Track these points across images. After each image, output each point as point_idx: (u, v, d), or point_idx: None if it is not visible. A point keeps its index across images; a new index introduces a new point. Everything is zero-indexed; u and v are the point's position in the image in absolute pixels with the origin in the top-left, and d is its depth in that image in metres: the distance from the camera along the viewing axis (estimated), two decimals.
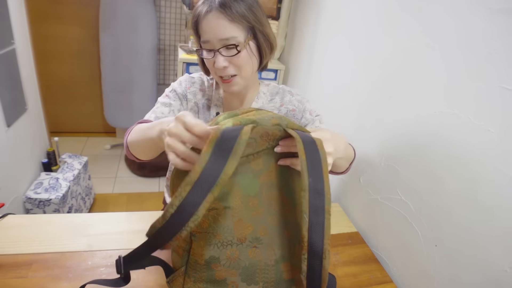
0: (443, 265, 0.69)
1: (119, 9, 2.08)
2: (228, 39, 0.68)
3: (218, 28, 0.68)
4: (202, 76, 0.86)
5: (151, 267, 0.70)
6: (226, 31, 0.68)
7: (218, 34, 0.68)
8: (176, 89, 0.83)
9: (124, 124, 2.48)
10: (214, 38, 0.68)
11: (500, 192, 0.57)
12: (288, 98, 0.85)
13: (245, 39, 0.70)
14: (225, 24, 0.67)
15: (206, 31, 0.69)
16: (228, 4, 0.67)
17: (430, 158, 0.73)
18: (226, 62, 0.70)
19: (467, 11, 0.65)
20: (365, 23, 1.03)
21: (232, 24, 0.68)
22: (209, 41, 0.69)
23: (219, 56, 0.69)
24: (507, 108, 0.57)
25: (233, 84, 0.74)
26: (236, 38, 0.68)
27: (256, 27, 0.71)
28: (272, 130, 0.47)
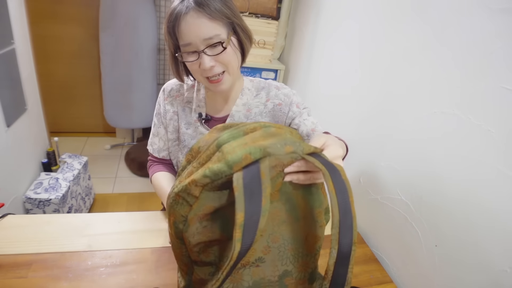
0: (443, 265, 0.69)
1: (119, 9, 2.08)
2: (212, 37, 0.66)
3: (199, 28, 0.65)
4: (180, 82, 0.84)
5: (152, 266, 0.70)
6: (209, 30, 0.66)
7: (200, 34, 0.66)
8: (156, 109, 0.85)
9: (124, 124, 2.48)
10: (197, 39, 0.66)
11: (500, 192, 0.57)
12: (274, 92, 0.84)
13: (227, 35, 0.69)
14: (206, 23, 0.66)
15: (186, 34, 0.66)
16: (204, 2, 0.65)
17: (430, 158, 0.73)
18: (212, 61, 0.68)
19: (467, 11, 0.65)
20: (365, 23, 1.03)
21: (213, 22, 0.66)
22: (190, 43, 0.67)
23: (204, 56, 0.68)
24: (507, 108, 0.57)
25: (223, 82, 0.72)
26: (219, 35, 0.67)
27: (234, 21, 0.70)
28: (288, 159, 0.43)
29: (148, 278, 0.67)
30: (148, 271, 0.69)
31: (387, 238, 0.86)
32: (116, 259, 0.71)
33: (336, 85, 1.21)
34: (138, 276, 0.67)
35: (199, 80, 0.75)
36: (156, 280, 0.67)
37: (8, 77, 1.40)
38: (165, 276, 0.68)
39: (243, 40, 0.74)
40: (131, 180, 2.35)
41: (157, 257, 0.73)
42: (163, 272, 0.69)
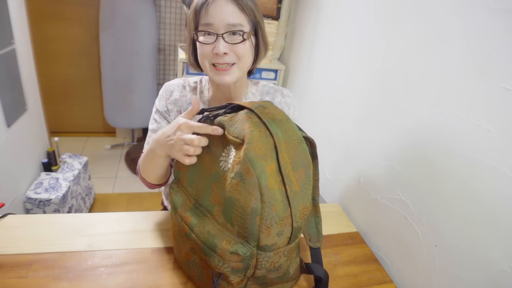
0: (443, 265, 0.69)
1: (119, 9, 2.08)
2: (235, 25, 0.68)
3: (226, 13, 0.67)
4: (183, 82, 0.85)
5: (152, 266, 0.70)
6: (235, 17, 0.67)
7: (226, 18, 0.67)
8: (158, 107, 0.84)
9: (124, 124, 2.48)
10: (220, 22, 0.67)
11: (500, 192, 0.57)
12: (279, 99, 0.84)
13: (249, 31, 0.70)
14: (234, 10, 0.67)
15: (212, 14, 0.67)
16: None
17: (430, 158, 0.73)
18: (227, 49, 0.68)
19: (467, 11, 0.65)
20: (365, 23, 1.03)
21: (242, 13, 0.68)
22: (212, 24, 0.67)
23: (221, 41, 0.68)
24: (507, 108, 0.57)
25: (229, 73, 0.71)
26: (243, 26, 0.69)
27: (258, 24, 0.72)
28: None
29: (148, 278, 0.67)
30: (148, 271, 0.69)
31: (387, 238, 0.86)
32: (116, 259, 0.71)
33: (336, 85, 1.21)
34: (138, 276, 0.67)
35: (204, 67, 0.73)
36: (156, 280, 0.67)
37: (8, 77, 1.40)
38: (165, 276, 0.68)
39: (260, 45, 0.75)
40: (131, 180, 2.35)
41: (157, 257, 0.73)
42: (163, 272, 0.69)
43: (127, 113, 2.41)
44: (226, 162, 0.55)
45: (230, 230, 0.54)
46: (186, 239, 0.60)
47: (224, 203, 0.54)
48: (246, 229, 0.52)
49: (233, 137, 0.54)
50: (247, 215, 0.51)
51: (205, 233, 0.56)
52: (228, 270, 0.54)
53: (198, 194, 0.61)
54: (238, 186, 0.51)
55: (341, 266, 0.79)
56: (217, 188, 0.57)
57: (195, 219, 0.59)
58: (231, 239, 0.53)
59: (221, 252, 0.53)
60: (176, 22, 2.51)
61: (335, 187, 1.15)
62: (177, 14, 2.48)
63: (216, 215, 0.57)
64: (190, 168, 0.63)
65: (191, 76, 0.91)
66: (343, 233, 0.91)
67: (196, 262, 0.62)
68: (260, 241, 0.52)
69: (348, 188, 1.07)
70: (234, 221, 0.53)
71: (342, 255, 0.83)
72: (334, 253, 0.83)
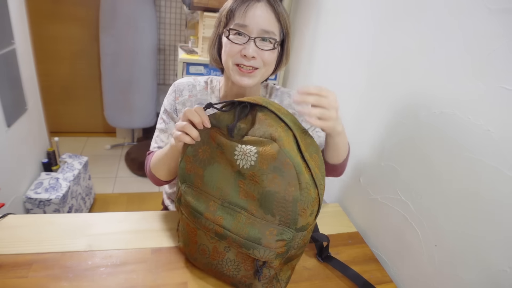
0: (443, 265, 0.69)
1: (119, 9, 2.08)
2: (269, 32, 0.69)
3: (264, 19, 0.68)
4: (194, 81, 0.85)
5: (152, 266, 0.70)
6: (270, 25, 0.69)
7: (262, 24, 0.68)
8: (166, 107, 0.84)
9: (124, 124, 2.48)
10: (255, 26, 0.68)
11: (500, 192, 0.57)
12: (287, 101, 0.85)
13: (279, 41, 0.72)
14: (272, 18, 0.69)
15: (249, 17, 0.68)
16: (276, 1, 0.71)
17: (430, 158, 0.73)
18: (256, 53, 0.69)
19: (467, 11, 0.65)
20: (365, 23, 1.03)
21: (277, 22, 0.70)
22: (247, 26, 0.68)
23: (252, 44, 0.69)
24: (507, 108, 0.57)
25: (252, 76, 0.72)
26: (275, 35, 0.70)
27: (287, 37, 0.74)
28: None
29: (148, 278, 0.67)
30: (148, 271, 0.69)
31: (387, 238, 0.86)
32: (116, 259, 0.71)
33: (336, 85, 1.21)
34: (138, 276, 0.68)
35: (227, 66, 0.74)
36: (156, 280, 0.67)
37: (9, 77, 1.40)
38: (165, 276, 0.68)
39: (283, 56, 0.77)
40: (131, 180, 2.36)
41: (157, 257, 0.73)
42: (163, 272, 0.69)
43: (127, 113, 2.41)
44: (245, 160, 0.58)
45: (271, 220, 0.58)
46: (219, 239, 0.61)
47: (261, 198, 0.58)
48: (288, 217, 0.57)
49: (258, 137, 0.58)
50: (289, 204, 0.56)
51: (245, 229, 0.58)
52: (273, 257, 0.58)
53: (224, 194, 0.61)
54: (276, 179, 0.56)
55: None
56: (245, 185, 0.59)
57: (229, 218, 0.59)
58: (274, 229, 0.57)
59: (267, 242, 0.57)
60: (176, 22, 2.51)
61: (335, 187, 1.15)
62: (177, 14, 2.48)
63: (252, 210, 0.59)
64: (207, 170, 0.62)
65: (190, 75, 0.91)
66: (343, 233, 0.92)
67: (231, 258, 0.62)
68: (298, 224, 0.57)
69: (348, 188, 1.07)
70: (276, 211, 0.57)
71: (342, 255, 0.83)
72: (334, 253, 0.83)
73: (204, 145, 0.62)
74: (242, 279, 0.64)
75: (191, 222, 0.64)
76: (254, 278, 0.62)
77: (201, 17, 1.67)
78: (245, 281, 0.63)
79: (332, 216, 0.99)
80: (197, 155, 0.62)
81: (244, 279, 0.63)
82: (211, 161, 0.61)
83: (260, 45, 0.69)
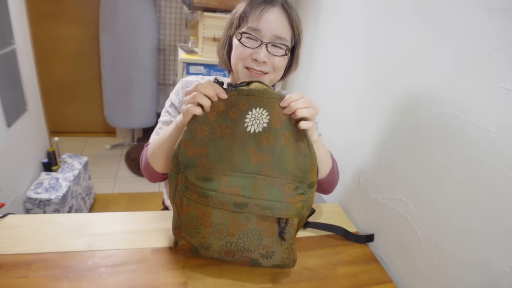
0: (443, 265, 0.69)
1: (119, 9, 2.08)
2: (281, 38, 0.69)
3: (278, 24, 0.68)
4: (201, 80, 0.85)
5: (152, 266, 0.70)
6: (283, 30, 0.69)
7: (275, 29, 0.68)
8: (174, 102, 0.83)
9: (124, 124, 2.48)
10: (268, 31, 0.68)
11: (500, 192, 0.58)
12: None
13: (290, 47, 0.72)
14: (285, 24, 0.69)
15: (262, 21, 0.68)
16: (291, 8, 0.71)
17: (430, 158, 0.73)
18: (267, 58, 0.69)
19: (467, 11, 0.65)
20: (365, 23, 1.03)
21: (289, 27, 0.70)
22: (260, 30, 0.68)
23: (263, 48, 0.69)
24: (507, 108, 0.57)
25: (261, 79, 0.72)
26: (287, 41, 0.70)
27: (298, 43, 0.74)
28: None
29: (148, 278, 0.67)
30: (148, 271, 0.69)
31: (387, 238, 0.86)
32: (116, 259, 0.71)
33: (336, 85, 1.21)
34: (138, 276, 0.68)
35: (236, 68, 0.74)
36: (156, 280, 0.67)
37: (9, 77, 1.41)
38: (165, 276, 0.69)
39: (293, 62, 0.77)
40: (131, 180, 2.36)
41: (157, 257, 0.73)
42: (163, 272, 0.69)
43: (127, 113, 2.41)
44: (257, 124, 0.61)
45: (286, 177, 0.63)
46: (239, 210, 0.61)
47: (275, 157, 0.62)
48: (300, 171, 0.63)
49: (272, 98, 0.61)
50: (300, 158, 0.62)
51: (264, 191, 0.61)
52: (294, 213, 0.63)
53: (235, 164, 0.62)
54: (289, 136, 0.61)
55: (341, 266, 0.79)
56: (256, 150, 0.62)
57: (246, 185, 0.61)
58: (290, 183, 0.62)
59: (288, 198, 0.62)
60: (176, 22, 2.51)
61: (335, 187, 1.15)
62: (177, 14, 2.48)
63: (267, 171, 0.62)
64: (210, 147, 0.62)
65: (191, 75, 0.91)
66: None
67: (253, 228, 0.64)
68: (308, 179, 0.63)
69: (348, 188, 1.07)
70: (289, 167, 0.62)
71: (342, 255, 0.83)
72: (334, 253, 0.83)
73: (201, 124, 0.61)
74: (264, 250, 0.65)
75: (202, 204, 0.62)
76: (276, 243, 0.65)
77: (201, 17, 1.67)
78: (267, 251, 0.66)
79: (332, 216, 0.99)
80: (195, 136, 0.62)
81: (265, 249, 0.65)
82: (212, 137, 0.62)
83: (271, 51, 0.69)
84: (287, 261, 0.68)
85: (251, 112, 0.60)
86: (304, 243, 0.84)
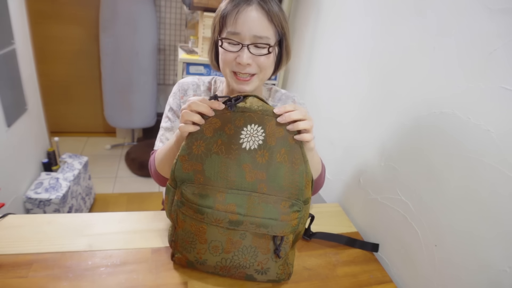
0: (443, 265, 0.69)
1: (119, 9, 2.08)
2: (262, 37, 0.67)
3: (255, 24, 0.66)
4: (198, 81, 0.85)
5: (152, 266, 0.70)
6: (263, 29, 0.66)
7: (254, 29, 0.66)
8: (172, 105, 0.84)
9: (124, 124, 2.48)
10: (248, 32, 0.66)
11: (500, 192, 0.57)
12: None
13: (274, 43, 0.69)
14: (263, 21, 0.66)
15: (240, 23, 0.66)
16: (269, 3, 0.67)
17: (430, 158, 0.73)
18: (250, 59, 0.68)
19: (467, 11, 0.65)
20: (365, 23, 1.03)
21: (270, 24, 0.67)
22: (239, 33, 0.66)
23: (245, 51, 0.67)
24: (507, 108, 0.57)
25: (249, 83, 0.71)
26: (269, 39, 0.67)
27: (284, 35, 0.71)
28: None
29: (148, 278, 0.67)
30: (148, 271, 0.69)
31: (387, 238, 0.86)
32: (116, 259, 0.71)
33: (336, 85, 1.21)
34: (138, 276, 0.68)
35: (225, 73, 0.73)
36: (156, 280, 0.67)
37: (9, 77, 1.40)
38: (165, 276, 0.69)
39: (283, 55, 0.74)
40: (131, 180, 2.36)
41: (157, 257, 0.73)
42: (163, 272, 0.69)
43: (127, 113, 2.41)
44: (253, 141, 0.61)
45: (282, 194, 0.62)
46: (234, 227, 0.61)
47: (270, 175, 0.61)
48: (296, 188, 0.62)
49: (267, 114, 0.60)
50: (296, 176, 0.61)
51: (260, 209, 0.60)
52: (289, 230, 0.62)
53: (230, 181, 0.61)
54: (284, 153, 0.61)
55: (341, 266, 0.79)
56: (251, 167, 0.61)
57: (241, 202, 0.60)
58: (286, 201, 0.62)
59: (283, 215, 0.61)
60: (176, 22, 2.51)
61: (335, 187, 1.15)
62: (177, 14, 2.48)
63: (263, 188, 0.61)
64: (206, 164, 0.62)
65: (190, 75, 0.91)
66: (343, 233, 0.91)
67: (248, 245, 0.63)
68: (304, 196, 0.63)
69: (348, 188, 1.07)
70: (285, 185, 0.62)
71: (342, 255, 0.83)
72: (334, 253, 0.83)
73: (198, 140, 0.61)
74: (259, 266, 0.65)
75: (198, 221, 0.62)
76: (271, 260, 0.65)
77: (201, 17, 1.67)
78: (262, 267, 0.65)
79: (332, 216, 0.99)
80: (192, 152, 0.62)
81: (260, 265, 0.65)
82: (208, 153, 0.61)
83: (254, 52, 0.67)
84: (282, 276, 0.68)
85: (246, 128, 0.60)
86: (304, 243, 0.84)
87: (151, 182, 2.35)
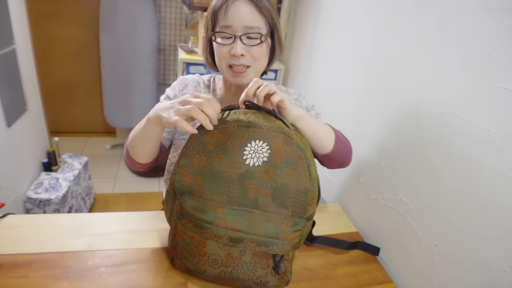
0: (443, 265, 0.69)
1: (119, 9, 2.08)
2: (253, 28, 0.69)
3: (245, 15, 0.68)
4: (198, 78, 0.86)
5: (152, 266, 0.70)
6: (253, 20, 0.69)
7: (244, 21, 0.68)
8: (169, 94, 0.84)
9: (124, 124, 2.48)
10: (238, 24, 0.68)
11: (500, 192, 0.57)
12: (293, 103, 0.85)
13: (266, 33, 0.71)
14: (253, 12, 0.69)
15: (230, 16, 0.68)
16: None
17: (430, 158, 0.73)
18: (244, 50, 0.70)
19: (467, 11, 0.65)
20: (365, 23, 1.03)
21: (260, 15, 0.69)
22: (231, 26, 0.69)
23: (238, 42, 0.69)
24: (507, 108, 0.57)
25: (245, 76, 0.72)
26: (260, 29, 0.70)
27: (275, 26, 0.73)
28: None
29: (148, 278, 0.67)
30: (148, 271, 0.69)
31: (387, 238, 0.86)
32: (116, 259, 0.71)
33: (335, 85, 1.22)
34: (138, 276, 0.68)
35: (221, 67, 0.75)
36: (156, 280, 0.67)
37: (9, 77, 1.40)
38: (165, 276, 0.68)
39: (276, 46, 0.76)
40: (131, 180, 2.36)
41: (157, 257, 0.73)
42: (163, 272, 0.69)
43: (127, 113, 2.41)
44: (257, 157, 0.59)
45: (284, 213, 0.60)
46: (234, 244, 0.59)
47: (274, 192, 0.59)
48: (300, 207, 0.60)
49: (273, 130, 0.58)
50: (300, 195, 0.59)
51: (261, 227, 0.59)
52: (290, 248, 0.60)
53: (232, 197, 0.60)
54: (289, 172, 0.58)
55: (341, 266, 0.79)
56: (254, 184, 0.59)
57: (242, 220, 0.58)
58: (288, 220, 0.60)
59: (285, 235, 0.59)
60: (176, 22, 2.51)
61: (335, 187, 1.15)
62: (177, 14, 2.48)
63: (265, 206, 0.60)
64: (207, 178, 0.60)
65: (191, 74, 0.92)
66: (343, 233, 0.91)
67: (247, 261, 0.62)
68: (307, 213, 0.61)
69: (348, 188, 1.07)
70: (288, 203, 0.60)
71: (342, 255, 0.83)
72: (334, 253, 0.83)
73: (199, 153, 0.60)
74: (258, 279, 0.64)
75: (198, 234, 0.61)
76: (270, 275, 0.64)
77: (201, 17, 1.67)
78: (261, 280, 0.64)
79: (332, 216, 0.99)
80: (192, 164, 0.60)
81: (259, 279, 0.64)
82: (210, 167, 0.60)
83: (247, 42, 0.70)
84: (280, 286, 0.67)
85: (250, 144, 0.58)
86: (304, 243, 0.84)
87: (151, 182, 2.35)
